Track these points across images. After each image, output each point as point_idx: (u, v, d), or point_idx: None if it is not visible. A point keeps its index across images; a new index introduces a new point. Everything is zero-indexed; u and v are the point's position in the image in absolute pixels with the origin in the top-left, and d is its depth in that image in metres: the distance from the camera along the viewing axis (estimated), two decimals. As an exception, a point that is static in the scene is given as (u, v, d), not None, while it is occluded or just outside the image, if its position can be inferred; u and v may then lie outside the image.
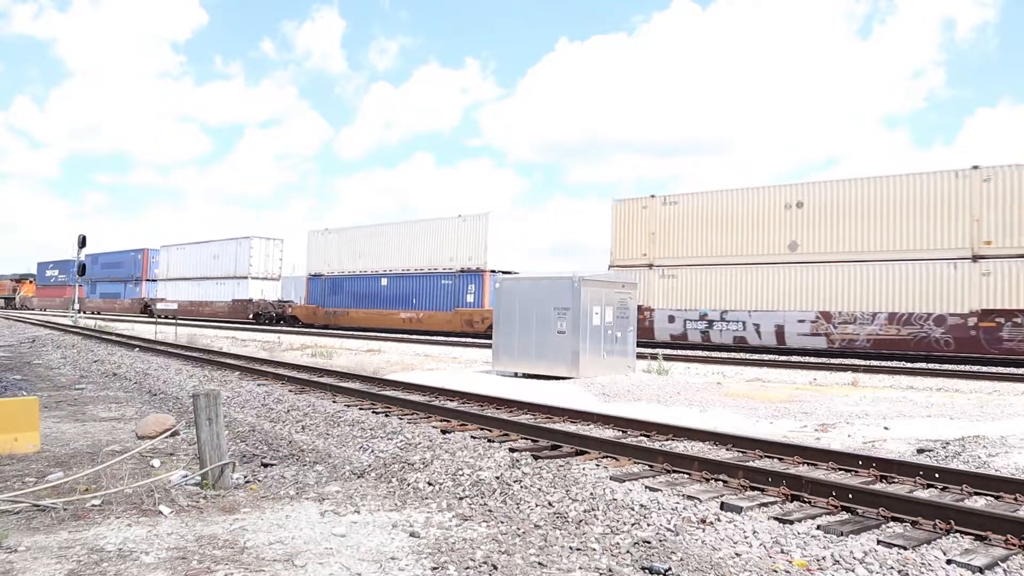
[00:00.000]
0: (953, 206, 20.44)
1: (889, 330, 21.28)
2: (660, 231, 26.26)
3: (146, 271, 56.52)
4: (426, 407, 10.43)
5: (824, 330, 22.24)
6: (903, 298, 21.02)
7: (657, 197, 26.25)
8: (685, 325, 25.29)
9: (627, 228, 27.25)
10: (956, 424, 9.65)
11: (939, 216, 20.70)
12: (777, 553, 4.68)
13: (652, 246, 26.51)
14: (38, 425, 8.04)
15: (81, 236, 38.88)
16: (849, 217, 22.05)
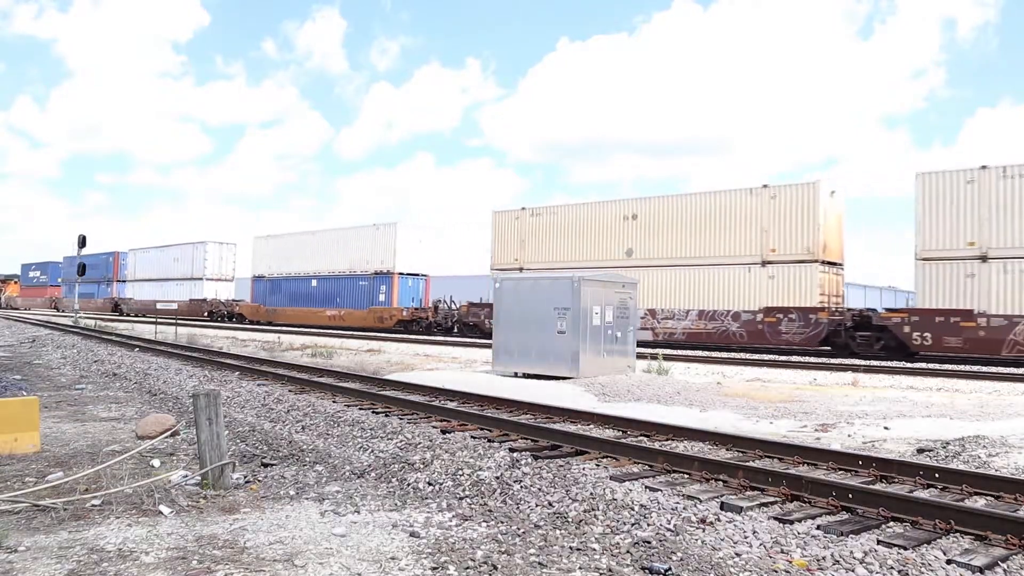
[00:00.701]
0: (749, 219, 24.44)
1: (698, 324, 25.26)
2: (528, 239, 30.68)
3: (116, 273, 60.71)
4: (426, 407, 10.44)
5: (650, 325, 26.06)
6: (711, 297, 25.18)
7: (527, 209, 29.90)
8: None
9: (503, 236, 31.66)
10: (956, 424, 9.65)
11: (739, 228, 24.82)
12: (777, 553, 4.68)
13: (522, 252, 30.87)
14: (38, 425, 8.04)
15: (81, 236, 38.98)
16: (673, 228, 26.36)
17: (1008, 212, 19.45)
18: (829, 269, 23.47)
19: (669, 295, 26.27)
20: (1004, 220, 19.48)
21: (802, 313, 22.51)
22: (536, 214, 29.78)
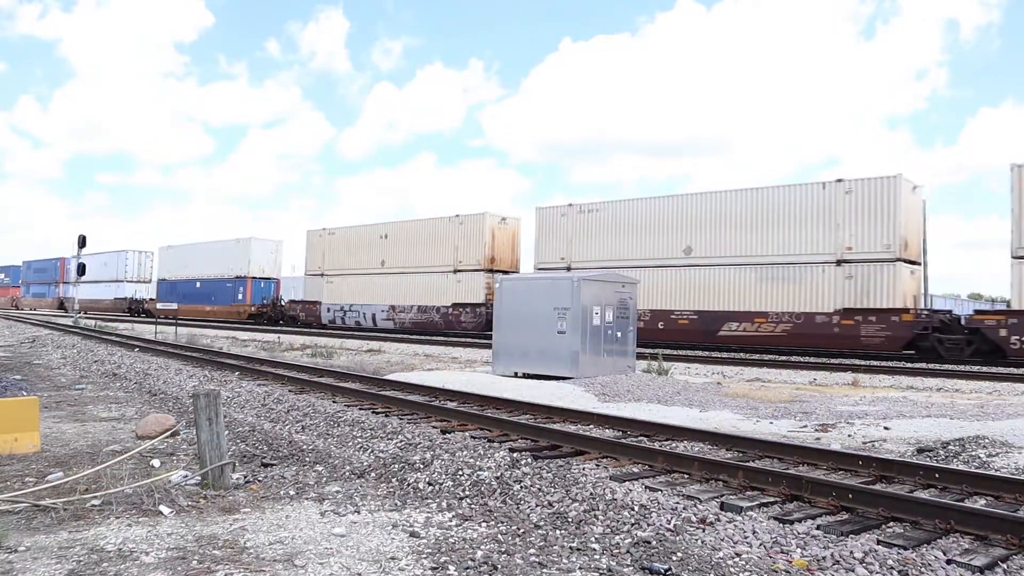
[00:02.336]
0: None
1: (419, 316, 33.43)
2: (335, 251, 38.47)
3: (63, 275, 68.41)
4: (426, 407, 10.44)
5: (392, 316, 34.52)
6: (431, 297, 32.77)
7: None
8: (333, 313, 37.80)
9: (316, 248, 39.88)
10: (956, 424, 9.65)
11: (435, 242, 33.07)
12: (777, 553, 4.68)
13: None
14: (38, 425, 8.04)
15: (81, 236, 39.00)
16: (412, 243, 34.32)
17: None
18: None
19: (410, 294, 33.53)
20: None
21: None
22: (586, 211, 28.67)
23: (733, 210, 24.26)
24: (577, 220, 28.59)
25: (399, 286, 34.39)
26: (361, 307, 36.16)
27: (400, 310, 34.00)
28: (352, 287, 37.11)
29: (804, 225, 22.64)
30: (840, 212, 21.86)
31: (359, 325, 36.09)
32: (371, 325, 35.49)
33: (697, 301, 24.71)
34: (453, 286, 31.91)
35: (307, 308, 39.67)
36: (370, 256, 36.26)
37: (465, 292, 31.36)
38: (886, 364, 19.11)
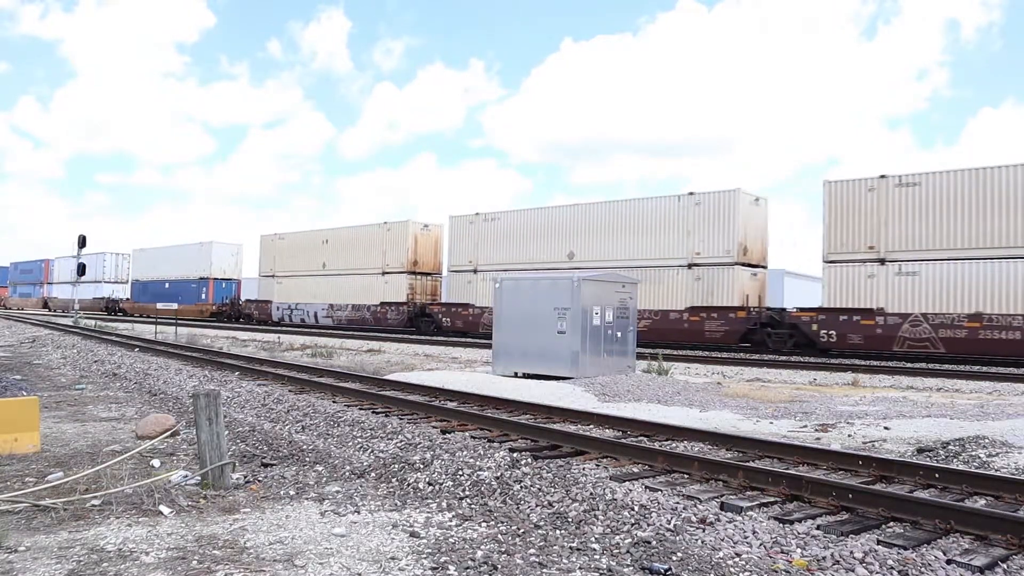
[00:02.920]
0: (371, 244, 36.17)
1: (353, 314, 36.70)
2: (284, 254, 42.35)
3: (47, 276, 73.23)
4: (426, 407, 10.44)
5: (331, 314, 37.94)
6: (363, 296, 36.38)
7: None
8: (282, 312, 41.61)
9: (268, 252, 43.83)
10: (956, 424, 9.65)
11: (366, 247, 36.91)
12: (777, 553, 4.68)
13: (277, 263, 42.98)
14: (38, 425, 8.04)
15: (81, 236, 39.08)
16: (348, 248, 37.90)
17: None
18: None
19: (345, 294, 37.50)
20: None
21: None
22: (489, 219, 32.44)
23: (607, 219, 27.61)
24: (482, 228, 31.87)
25: (337, 287, 38.22)
26: (305, 306, 40.08)
27: (337, 308, 37.80)
28: (298, 287, 41.06)
29: (663, 232, 26.09)
30: (691, 221, 25.28)
31: (303, 322, 39.95)
32: (313, 322, 39.33)
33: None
34: (381, 287, 35.58)
35: (260, 307, 43.75)
36: (314, 260, 40.12)
37: (391, 292, 35.06)
38: (886, 364, 19.11)
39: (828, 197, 22.17)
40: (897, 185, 21.05)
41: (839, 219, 21.94)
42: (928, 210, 20.48)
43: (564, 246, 28.75)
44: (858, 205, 21.62)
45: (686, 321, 24.86)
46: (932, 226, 20.38)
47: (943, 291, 20.10)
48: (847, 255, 21.78)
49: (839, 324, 21.45)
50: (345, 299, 37.44)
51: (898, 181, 21.03)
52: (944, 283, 20.09)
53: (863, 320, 21.04)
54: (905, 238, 20.81)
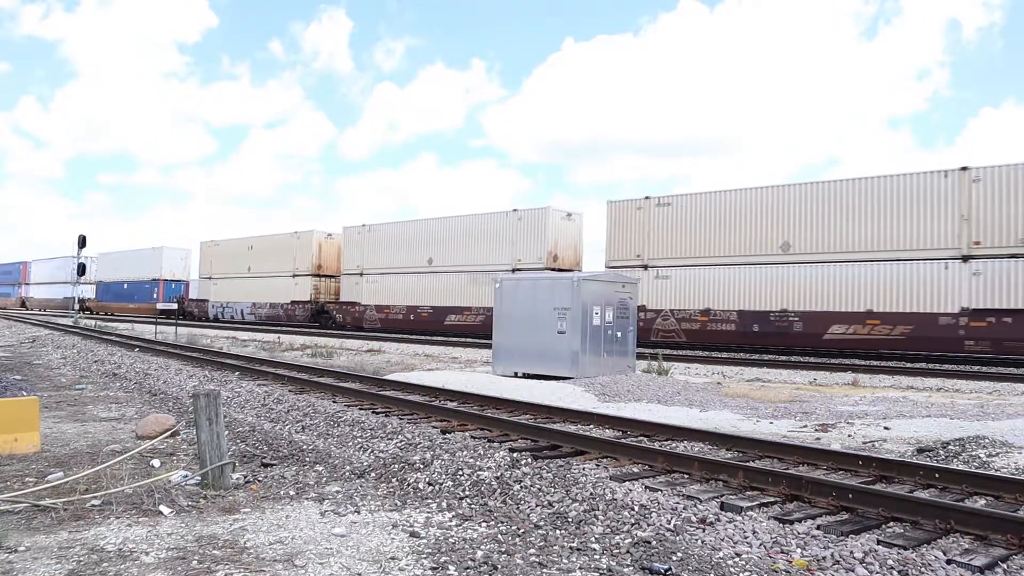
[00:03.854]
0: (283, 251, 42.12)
1: (270, 311, 41.90)
2: (218, 259, 48.41)
3: (25, 277, 78.72)
4: (426, 407, 10.44)
5: (254, 312, 43.15)
6: (278, 296, 41.77)
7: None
8: (216, 310, 46.98)
9: (207, 256, 49.77)
10: (956, 424, 9.65)
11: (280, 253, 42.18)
12: (777, 553, 4.68)
13: (213, 266, 48.39)
14: (38, 425, 8.04)
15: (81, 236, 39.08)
16: (266, 254, 43.39)
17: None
18: None
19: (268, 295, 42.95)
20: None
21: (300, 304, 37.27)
22: (374, 230, 37.21)
23: (458, 230, 32.91)
24: (369, 237, 37.23)
25: (258, 288, 43.96)
26: (235, 304, 45.45)
27: (259, 306, 43.38)
28: (229, 288, 46.65)
29: (490, 242, 31.36)
30: (513, 232, 30.35)
31: (233, 319, 45.11)
32: (240, 318, 44.56)
33: (434, 299, 33.51)
34: (292, 288, 41.10)
35: (199, 305, 49.37)
36: (241, 264, 45.86)
37: (300, 292, 40.49)
38: (886, 364, 19.12)
39: (610, 213, 27.34)
40: (657, 205, 26.18)
41: (617, 232, 27.03)
42: (676, 226, 25.57)
43: (423, 253, 34.37)
44: (630, 221, 26.78)
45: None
46: (679, 239, 25.49)
47: (686, 292, 25.08)
48: (621, 262, 26.49)
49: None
50: (265, 298, 42.92)
51: (658, 201, 26.18)
52: (686, 285, 25.07)
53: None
54: (661, 248, 25.89)
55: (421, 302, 33.61)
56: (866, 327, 20.86)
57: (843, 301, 21.42)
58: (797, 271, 22.40)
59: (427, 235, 34.11)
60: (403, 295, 34.54)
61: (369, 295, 36.20)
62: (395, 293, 34.95)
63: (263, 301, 43.06)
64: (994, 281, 18.87)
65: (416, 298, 33.92)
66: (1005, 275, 18.85)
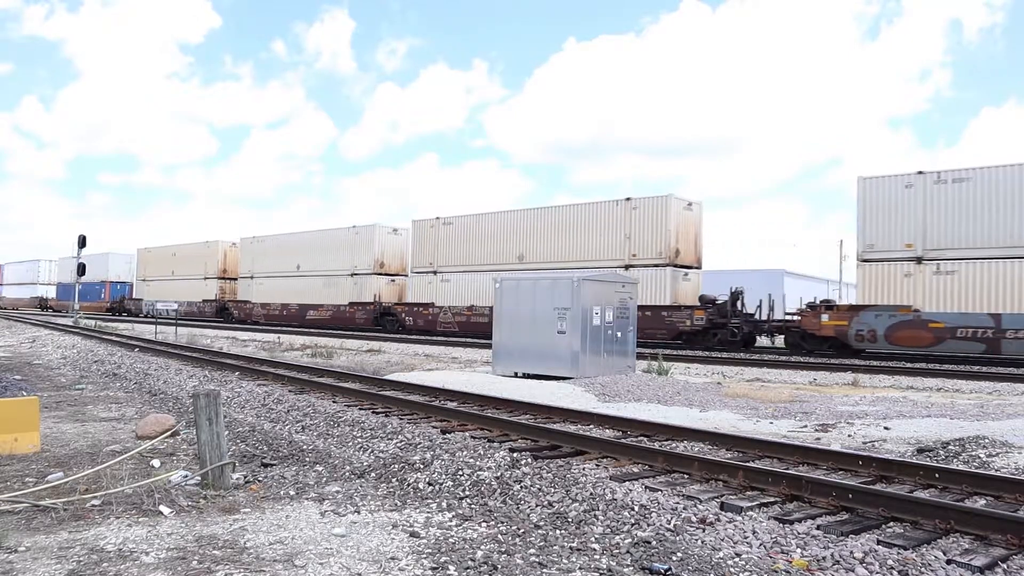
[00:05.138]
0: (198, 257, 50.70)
1: (189, 308, 48.57)
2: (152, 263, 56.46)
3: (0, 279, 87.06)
4: (426, 407, 10.43)
5: (177, 309, 42.50)
6: (193, 295, 50.15)
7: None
8: (148, 307, 50.73)
9: (143, 261, 58.05)
10: (956, 424, 9.65)
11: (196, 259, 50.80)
12: (777, 553, 4.68)
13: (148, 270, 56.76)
14: (38, 425, 8.04)
15: (81, 236, 39.13)
16: (185, 259, 51.90)
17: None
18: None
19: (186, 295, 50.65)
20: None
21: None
22: (260, 241, 45.03)
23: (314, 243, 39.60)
24: (258, 247, 44.82)
25: (179, 288, 51.75)
26: (162, 303, 51.09)
27: (180, 304, 47.89)
28: (159, 289, 54.31)
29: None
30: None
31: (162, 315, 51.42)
32: (166, 315, 49.34)
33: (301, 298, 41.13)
34: (203, 288, 49.89)
35: (136, 303, 57.37)
36: (168, 268, 54.05)
37: (209, 292, 49.44)
38: (886, 364, 19.12)
39: (414, 230, 35.02)
40: (443, 224, 33.26)
41: (419, 245, 34.44)
42: (454, 240, 32.64)
43: (291, 261, 41.76)
44: (427, 236, 33.93)
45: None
46: (455, 250, 32.59)
47: (461, 292, 31.89)
48: (422, 268, 34.29)
49: (415, 312, 33.81)
50: (182, 297, 50.02)
51: (444, 221, 33.37)
52: (463, 287, 31.89)
53: (423, 310, 33.43)
54: (445, 257, 33.08)
55: (291, 300, 41.74)
56: None
57: None
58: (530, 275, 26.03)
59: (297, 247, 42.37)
60: (282, 295, 42.52)
61: (258, 295, 44.85)
62: (277, 293, 43.06)
63: (183, 300, 49.71)
64: (646, 285, 25.06)
65: (289, 297, 41.99)
66: (653, 280, 25.93)
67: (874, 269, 21.49)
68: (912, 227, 20.93)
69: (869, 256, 21.67)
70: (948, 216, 20.45)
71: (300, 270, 40.78)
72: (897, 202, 21.22)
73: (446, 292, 32.66)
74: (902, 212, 21.14)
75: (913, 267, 20.87)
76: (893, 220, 21.26)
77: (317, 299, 39.41)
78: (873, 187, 21.71)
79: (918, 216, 20.86)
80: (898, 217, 21.19)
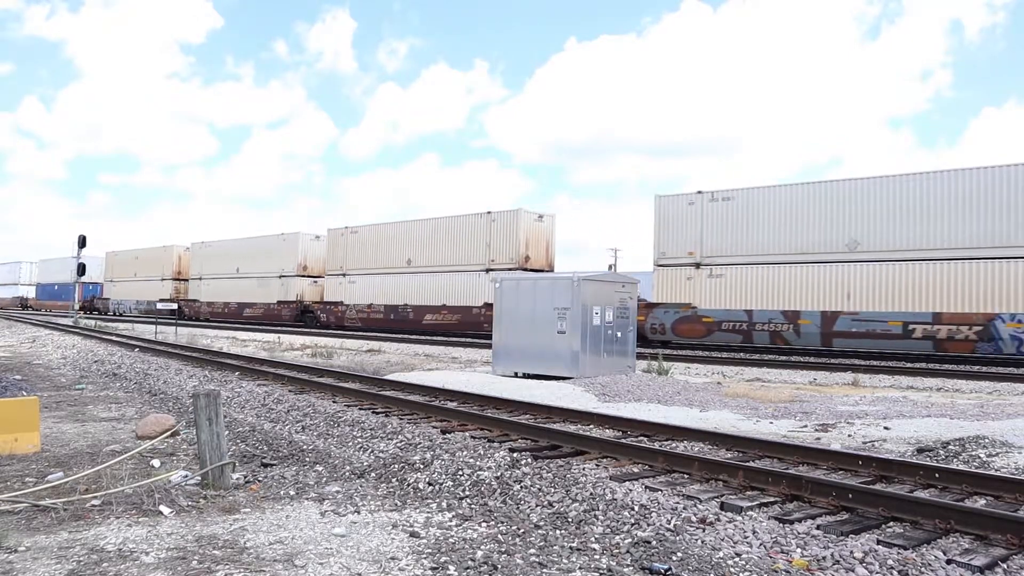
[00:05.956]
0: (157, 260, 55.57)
1: (146, 306, 52.43)
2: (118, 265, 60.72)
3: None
4: (426, 407, 10.43)
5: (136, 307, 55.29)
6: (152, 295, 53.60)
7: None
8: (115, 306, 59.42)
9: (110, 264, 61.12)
10: (956, 424, 9.64)
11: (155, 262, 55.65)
12: (777, 553, 4.68)
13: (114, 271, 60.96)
14: (38, 425, 8.04)
15: (81, 236, 39.17)
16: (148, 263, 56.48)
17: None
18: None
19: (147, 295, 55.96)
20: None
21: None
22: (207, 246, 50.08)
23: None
24: (206, 251, 49.74)
25: (141, 288, 56.55)
26: (125, 301, 58.33)
27: (139, 303, 55.97)
28: (123, 289, 59.01)
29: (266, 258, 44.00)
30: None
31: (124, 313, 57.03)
32: (128, 312, 56.61)
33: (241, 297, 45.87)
34: (160, 288, 54.35)
35: (103, 302, 61.78)
36: (131, 270, 58.46)
37: (165, 292, 53.62)
38: (886, 364, 19.13)
39: (330, 237, 39.55)
40: (352, 233, 38.04)
41: (332, 251, 39.17)
42: (359, 248, 37.32)
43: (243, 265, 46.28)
44: (339, 243, 38.62)
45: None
46: (361, 256, 37.22)
47: (364, 291, 36.65)
48: (335, 270, 38.65)
49: (328, 310, 38.32)
50: (143, 296, 55.95)
51: (351, 231, 38.24)
52: (365, 287, 36.69)
53: (335, 308, 37.74)
54: (352, 262, 37.72)
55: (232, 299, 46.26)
56: (441, 314, 32.54)
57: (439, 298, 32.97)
58: (415, 279, 34.33)
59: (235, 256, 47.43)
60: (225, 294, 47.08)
61: (205, 295, 49.16)
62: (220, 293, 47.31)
63: (142, 299, 56.11)
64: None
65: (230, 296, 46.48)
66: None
67: (666, 273, 25.29)
68: (692, 238, 24.79)
69: (662, 262, 25.43)
70: (718, 229, 24.25)
71: (239, 272, 45.98)
72: (682, 217, 25.07)
73: (352, 292, 37.51)
74: (686, 225, 24.99)
75: (693, 271, 24.83)
76: (679, 232, 25.12)
77: (252, 298, 44.35)
78: (665, 204, 25.59)
79: (697, 229, 24.73)
80: (683, 229, 25.02)
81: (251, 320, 43.31)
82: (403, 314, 34.41)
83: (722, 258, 24.05)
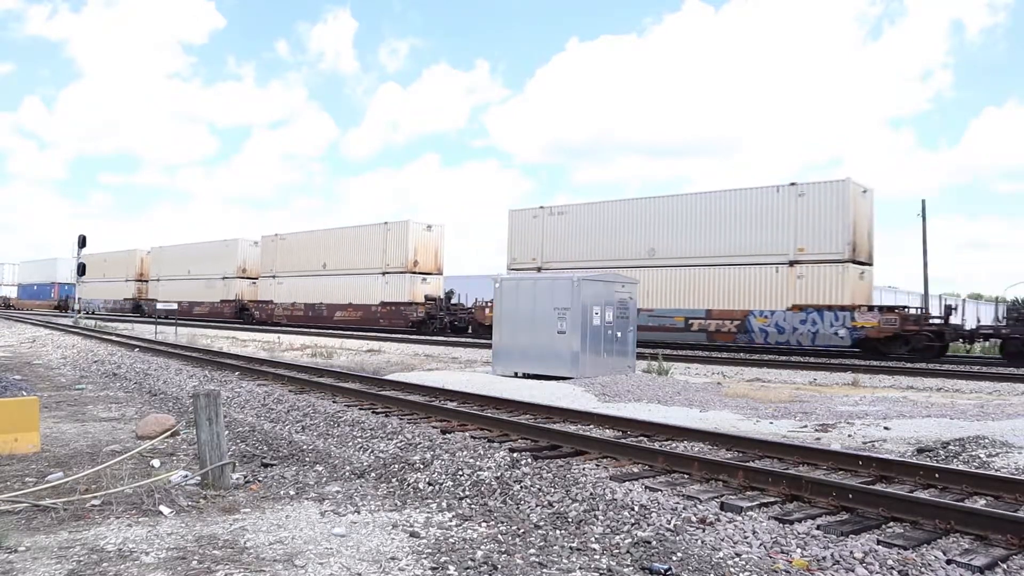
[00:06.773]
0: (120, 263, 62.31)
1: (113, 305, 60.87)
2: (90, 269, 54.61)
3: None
4: (426, 407, 10.43)
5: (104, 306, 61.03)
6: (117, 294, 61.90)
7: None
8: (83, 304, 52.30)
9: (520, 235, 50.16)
10: (956, 424, 9.64)
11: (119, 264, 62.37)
12: (777, 553, 4.68)
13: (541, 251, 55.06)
14: (38, 425, 8.04)
15: (81, 236, 39.13)
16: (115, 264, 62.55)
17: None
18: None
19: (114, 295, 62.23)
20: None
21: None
22: (164, 249, 54.77)
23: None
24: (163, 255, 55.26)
25: (108, 288, 62.41)
26: (95, 300, 62.32)
27: (107, 302, 61.75)
28: (94, 289, 62.03)
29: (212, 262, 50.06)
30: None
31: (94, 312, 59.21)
32: (97, 310, 60.09)
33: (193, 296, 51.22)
34: (125, 288, 60.70)
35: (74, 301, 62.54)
36: (100, 271, 61.77)
37: (128, 292, 59.93)
38: (886, 364, 19.13)
39: (262, 243, 44.23)
40: (281, 239, 42.84)
41: (265, 255, 44.15)
42: (289, 250, 42.17)
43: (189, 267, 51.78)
44: (270, 247, 43.59)
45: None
46: (286, 257, 42.31)
47: (291, 292, 41.97)
48: (267, 274, 43.37)
49: (260, 308, 43.50)
50: (110, 296, 61.54)
51: (278, 236, 42.97)
52: (290, 288, 42.00)
53: (266, 306, 42.92)
54: (281, 265, 42.47)
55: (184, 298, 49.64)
56: (348, 312, 37.61)
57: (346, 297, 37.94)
58: (329, 280, 39.23)
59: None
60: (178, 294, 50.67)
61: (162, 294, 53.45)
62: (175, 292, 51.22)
63: (111, 299, 61.63)
64: (392, 287, 35.68)
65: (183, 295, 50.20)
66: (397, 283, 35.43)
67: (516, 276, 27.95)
68: (535, 247, 29.56)
69: (514, 267, 29.92)
70: (554, 239, 28.92)
71: (190, 274, 51.06)
72: (529, 228, 29.80)
73: (280, 292, 42.71)
74: (531, 236, 29.72)
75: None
76: (526, 241, 29.90)
77: (200, 297, 49.54)
78: (516, 217, 30.44)
79: (538, 239, 29.47)
80: (529, 239, 29.76)
81: (200, 317, 48.19)
82: (319, 311, 39.41)
83: (557, 263, 28.38)
